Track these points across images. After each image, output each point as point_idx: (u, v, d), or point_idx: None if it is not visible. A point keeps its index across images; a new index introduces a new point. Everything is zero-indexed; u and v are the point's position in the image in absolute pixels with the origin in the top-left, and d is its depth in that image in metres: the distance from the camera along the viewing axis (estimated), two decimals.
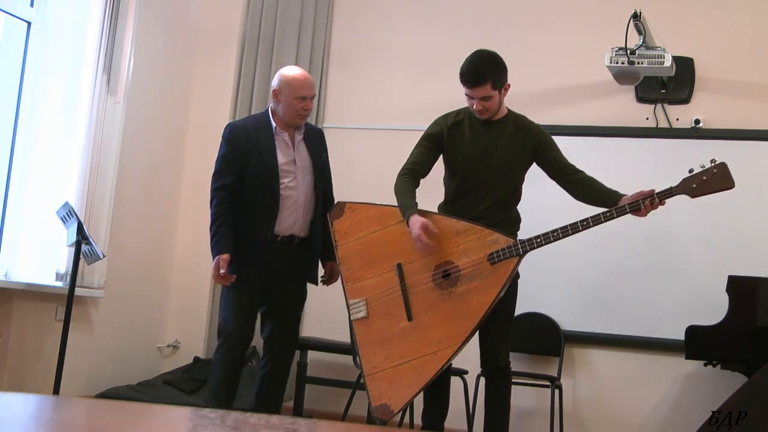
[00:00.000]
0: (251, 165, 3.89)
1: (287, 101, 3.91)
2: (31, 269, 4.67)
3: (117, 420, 1.26)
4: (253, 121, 4.08)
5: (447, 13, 5.57)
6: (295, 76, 3.94)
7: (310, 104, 3.96)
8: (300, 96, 3.90)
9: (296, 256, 3.97)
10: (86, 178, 4.81)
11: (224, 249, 3.79)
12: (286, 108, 3.92)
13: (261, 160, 3.89)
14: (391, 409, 3.51)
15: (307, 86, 3.94)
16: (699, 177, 3.45)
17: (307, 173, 3.97)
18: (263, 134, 3.94)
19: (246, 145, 3.91)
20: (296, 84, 3.91)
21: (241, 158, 3.89)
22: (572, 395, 5.00)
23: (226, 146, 3.95)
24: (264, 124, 3.97)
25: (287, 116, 3.94)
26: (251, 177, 3.89)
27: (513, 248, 3.49)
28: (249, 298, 3.93)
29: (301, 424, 1.30)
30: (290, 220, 3.91)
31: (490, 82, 3.55)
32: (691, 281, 4.84)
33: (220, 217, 3.85)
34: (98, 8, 4.88)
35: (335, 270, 4.02)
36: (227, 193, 3.87)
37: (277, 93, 3.94)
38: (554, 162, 3.71)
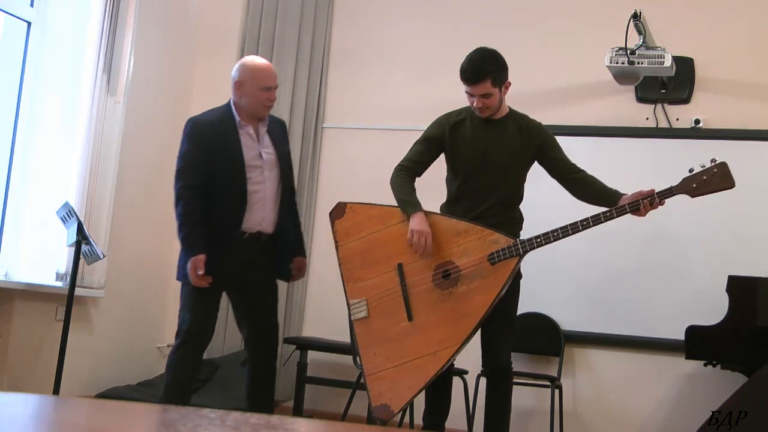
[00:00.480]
0: (217, 161, 3.74)
1: (251, 93, 3.77)
2: (31, 269, 4.67)
3: (117, 420, 1.26)
4: (216, 114, 3.87)
5: (447, 13, 5.57)
6: (258, 66, 3.81)
7: (274, 95, 3.83)
8: (265, 87, 3.77)
9: (264, 253, 3.84)
10: (86, 178, 4.81)
11: (200, 249, 3.67)
12: (251, 100, 3.78)
13: (226, 156, 3.75)
14: (391, 409, 3.51)
15: (271, 76, 3.81)
16: (699, 177, 3.45)
17: (273, 167, 3.86)
18: (227, 128, 3.79)
19: (210, 141, 3.76)
20: (261, 75, 3.78)
21: (206, 154, 3.75)
22: (572, 395, 5.00)
23: (189, 142, 3.79)
24: (227, 118, 3.82)
25: (251, 108, 3.80)
26: (217, 173, 3.74)
27: (513, 248, 3.49)
28: (211, 298, 3.80)
29: (301, 424, 1.30)
30: (258, 217, 3.79)
31: (491, 79, 3.55)
32: (691, 281, 4.84)
33: (191, 217, 3.72)
34: (98, 8, 4.89)
35: (303, 265, 3.99)
36: (194, 192, 3.73)
37: (239, 85, 3.79)
38: (556, 161, 3.71)
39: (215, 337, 5.51)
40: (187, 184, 3.75)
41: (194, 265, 3.66)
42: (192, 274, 3.67)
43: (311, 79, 5.70)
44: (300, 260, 4.00)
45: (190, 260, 3.68)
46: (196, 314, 3.77)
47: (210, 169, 3.74)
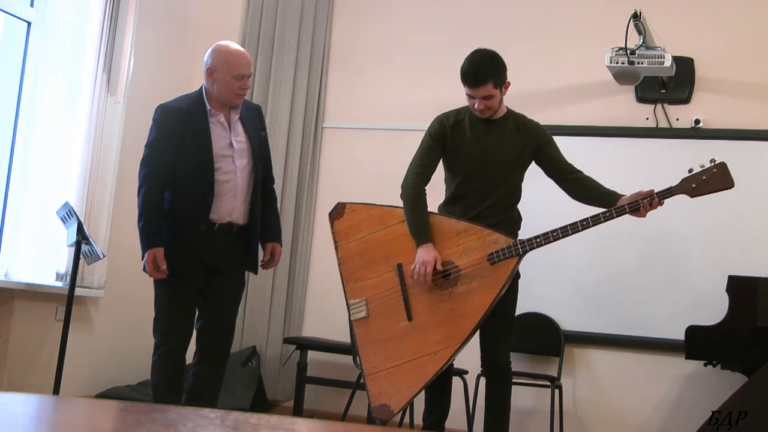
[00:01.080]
0: (184, 150, 3.63)
1: (224, 80, 3.64)
2: (31, 269, 4.67)
3: (117, 420, 1.26)
4: (186, 101, 3.73)
5: (447, 13, 5.57)
6: (232, 53, 3.68)
7: (248, 83, 3.71)
8: (238, 75, 3.65)
9: (234, 245, 3.74)
10: (86, 178, 4.81)
11: (159, 242, 3.57)
12: (223, 88, 3.66)
13: (195, 145, 3.63)
14: (391, 409, 3.51)
15: (245, 64, 3.69)
16: (699, 177, 3.45)
17: (244, 156, 3.73)
18: (197, 116, 3.66)
19: (179, 128, 3.64)
20: (234, 62, 3.65)
21: (174, 142, 3.63)
22: (572, 395, 5.00)
23: (157, 129, 3.67)
24: (198, 106, 3.69)
25: (223, 96, 3.68)
26: (185, 163, 3.63)
27: (513, 248, 3.49)
28: (186, 293, 3.68)
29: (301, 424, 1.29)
30: (228, 207, 3.67)
31: (492, 81, 3.55)
32: (691, 281, 4.84)
33: (150, 208, 3.60)
34: (98, 8, 4.89)
35: (276, 252, 3.86)
36: (158, 181, 3.61)
37: (212, 71, 3.66)
38: (553, 160, 3.71)
39: None
40: (151, 171, 3.63)
41: (152, 258, 3.56)
42: (150, 267, 3.57)
43: (311, 79, 5.70)
44: (273, 246, 3.86)
45: (148, 252, 3.57)
46: (168, 312, 3.66)
47: (177, 158, 3.62)
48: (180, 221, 3.64)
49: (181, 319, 3.68)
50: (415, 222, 3.59)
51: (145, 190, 3.63)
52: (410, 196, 3.64)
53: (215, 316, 3.75)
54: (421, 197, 3.64)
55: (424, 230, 3.57)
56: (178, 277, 3.62)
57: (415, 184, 3.65)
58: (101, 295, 4.98)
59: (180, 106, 3.71)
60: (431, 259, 3.50)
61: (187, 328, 3.71)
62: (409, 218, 3.61)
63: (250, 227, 3.76)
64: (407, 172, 3.71)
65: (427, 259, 3.50)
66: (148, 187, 3.63)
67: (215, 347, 3.76)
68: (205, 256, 3.67)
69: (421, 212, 3.62)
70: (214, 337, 3.75)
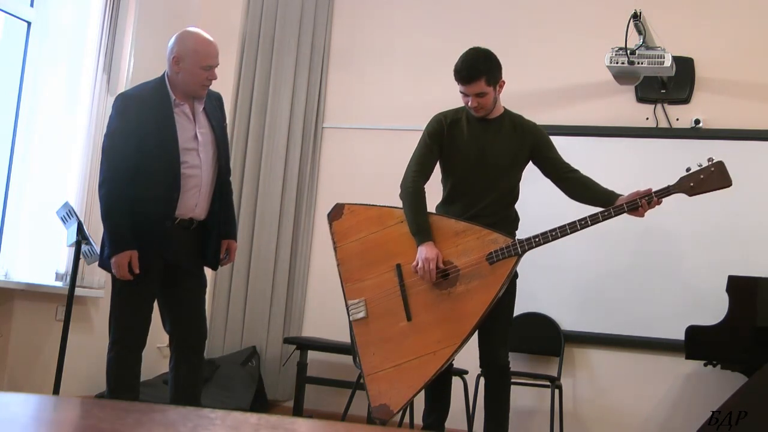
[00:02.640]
0: (148, 141, 3.44)
1: (190, 71, 3.48)
2: (31, 269, 4.67)
3: (117, 420, 1.26)
4: (149, 91, 3.53)
5: (447, 13, 5.57)
6: (200, 42, 3.51)
7: (215, 74, 3.55)
8: (206, 65, 3.49)
9: (194, 241, 3.61)
10: (86, 178, 4.81)
11: (131, 244, 3.41)
12: (189, 78, 3.49)
13: (159, 137, 3.45)
14: (390, 409, 3.51)
15: (214, 54, 3.53)
16: (697, 175, 3.45)
17: (209, 148, 3.59)
18: (160, 107, 3.47)
19: (142, 119, 3.44)
20: (202, 51, 3.48)
21: (137, 133, 3.43)
22: (572, 395, 5.00)
23: (118, 119, 3.46)
24: (161, 96, 3.49)
25: (189, 87, 3.51)
26: (148, 155, 3.44)
27: (512, 248, 3.50)
28: (144, 292, 3.53)
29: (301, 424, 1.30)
30: (191, 203, 3.53)
31: (484, 78, 3.56)
32: (691, 281, 4.84)
33: (119, 206, 3.43)
34: (98, 8, 4.88)
35: (232, 249, 3.76)
36: (124, 175, 3.42)
37: (177, 60, 3.47)
38: (550, 160, 3.72)
39: (215, 337, 5.55)
40: (115, 165, 3.44)
41: (124, 261, 3.40)
42: (123, 271, 3.41)
43: (311, 79, 5.70)
44: (228, 242, 3.74)
45: (119, 256, 3.41)
46: (126, 312, 3.53)
47: (141, 151, 3.43)
48: (143, 217, 3.46)
49: (140, 318, 3.54)
50: (415, 220, 3.59)
51: (111, 187, 3.44)
52: (409, 194, 3.64)
53: (184, 316, 3.63)
54: (421, 195, 3.64)
55: (424, 228, 3.57)
56: (138, 276, 3.45)
57: (415, 182, 3.65)
58: (101, 295, 4.98)
59: (142, 95, 3.52)
60: (434, 256, 3.50)
61: (146, 326, 3.57)
62: (408, 217, 3.61)
63: (210, 222, 3.63)
64: (406, 171, 3.71)
65: (430, 256, 3.50)
66: (114, 183, 3.43)
67: (189, 347, 3.65)
68: (166, 253, 3.53)
69: (421, 210, 3.62)
70: (186, 337, 3.65)
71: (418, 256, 3.53)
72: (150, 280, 3.52)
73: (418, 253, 3.53)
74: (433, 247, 3.53)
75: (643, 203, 3.45)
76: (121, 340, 3.53)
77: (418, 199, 3.63)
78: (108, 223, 3.47)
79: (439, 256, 3.52)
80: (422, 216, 3.60)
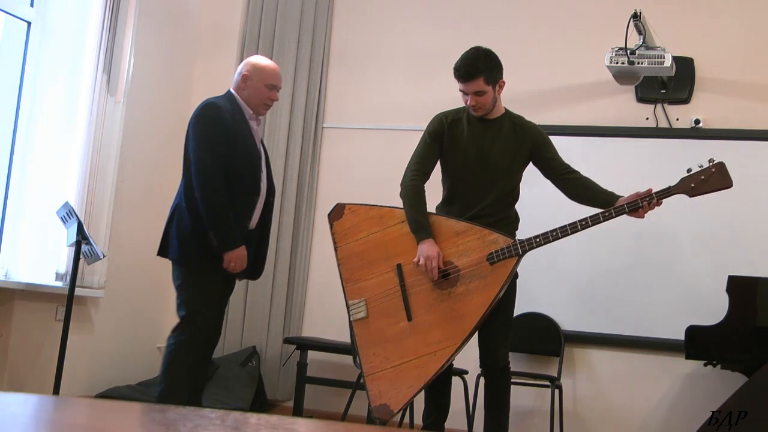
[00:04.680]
0: (237, 148, 3.69)
1: (257, 87, 3.79)
2: (31, 269, 4.67)
3: (117, 420, 1.26)
4: (226, 102, 3.79)
5: (447, 13, 5.57)
6: (268, 64, 3.87)
7: (277, 95, 3.87)
8: (271, 84, 3.81)
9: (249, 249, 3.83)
10: (86, 178, 4.81)
11: (242, 241, 3.68)
12: (254, 94, 3.79)
13: (244, 145, 3.72)
14: (390, 409, 3.51)
15: (278, 76, 3.86)
16: (697, 176, 3.45)
17: (265, 165, 3.90)
18: (241, 117, 3.77)
19: (232, 127, 3.70)
20: (269, 71, 3.82)
21: (229, 140, 3.67)
22: (572, 395, 5.00)
23: (215, 123, 3.67)
24: (238, 108, 3.79)
25: (253, 103, 3.80)
26: (236, 161, 3.68)
27: (512, 248, 3.50)
28: (221, 286, 3.78)
29: (301, 424, 1.29)
30: (257, 212, 3.82)
31: (483, 76, 3.56)
32: (691, 281, 4.84)
33: (225, 204, 3.62)
34: (98, 8, 4.89)
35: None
36: (223, 174, 3.63)
37: (246, 78, 3.79)
38: (550, 161, 3.72)
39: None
40: (218, 166, 3.62)
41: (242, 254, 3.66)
42: (239, 265, 3.66)
43: (311, 79, 5.70)
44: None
45: (239, 249, 3.64)
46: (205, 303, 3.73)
47: (229, 155, 3.66)
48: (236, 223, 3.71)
49: (218, 312, 3.83)
50: (415, 218, 3.59)
51: (213, 188, 3.61)
52: (409, 193, 3.64)
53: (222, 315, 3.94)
54: (421, 194, 3.65)
55: (424, 226, 3.57)
56: (217, 270, 3.68)
57: (414, 180, 3.66)
58: (101, 295, 4.98)
59: (226, 105, 3.75)
60: (435, 254, 3.50)
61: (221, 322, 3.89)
62: (409, 215, 3.61)
63: (253, 234, 3.85)
64: (406, 170, 3.71)
65: (431, 254, 3.50)
66: (216, 185, 3.61)
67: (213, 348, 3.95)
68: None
69: (421, 209, 3.62)
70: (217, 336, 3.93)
71: (419, 253, 3.53)
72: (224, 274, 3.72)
73: (419, 251, 3.53)
74: (434, 244, 3.53)
75: (644, 204, 3.45)
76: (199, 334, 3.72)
77: (418, 198, 3.64)
78: (221, 221, 3.62)
79: (440, 254, 3.52)
80: (422, 214, 3.60)
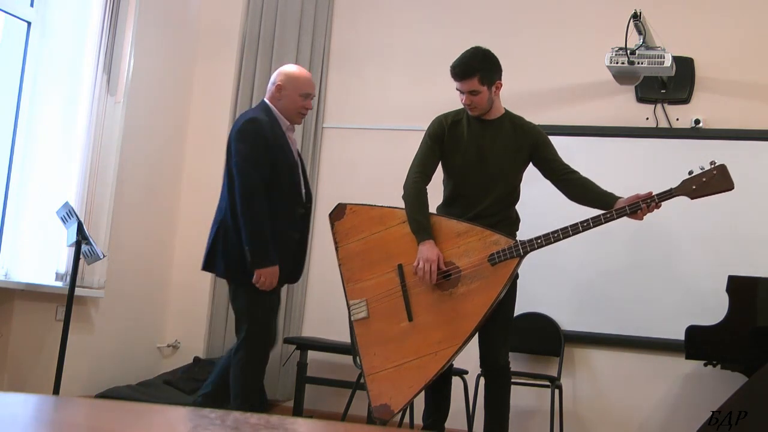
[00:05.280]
0: (278, 161, 3.75)
1: (291, 97, 3.85)
2: (31, 269, 4.67)
3: (117, 420, 1.26)
4: (262, 114, 3.84)
5: (447, 13, 5.57)
6: (300, 73, 3.93)
7: (311, 104, 3.93)
8: (305, 93, 3.87)
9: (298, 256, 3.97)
10: (86, 178, 4.81)
11: (276, 259, 3.70)
12: (289, 104, 3.85)
13: (284, 157, 3.79)
14: (391, 409, 3.51)
15: (311, 84, 3.93)
16: (699, 179, 3.45)
17: (302, 173, 3.95)
18: (278, 131, 3.82)
19: (272, 140, 3.76)
20: (302, 80, 3.88)
21: (269, 153, 3.73)
22: (572, 395, 5.00)
23: (257, 138, 3.71)
24: (274, 120, 3.83)
25: (288, 113, 3.86)
26: (278, 174, 3.75)
27: (513, 249, 3.49)
28: (276, 298, 3.87)
29: (301, 424, 1.29)
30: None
31: (478, 76, 3.57)
32: (690, 281, 4.84)
33: (264, 221, 3.67)
34: (98, 8, 4.88)
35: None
36: (264, 189, 3.68)
37: (280, 88, 3.85)
38: (550, 161, 3.72)
39: (215, 337, 5.55)
40: (259, 181, 3.68)
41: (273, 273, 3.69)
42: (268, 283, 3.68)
43: None
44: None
45: (271, 268, 3.68)
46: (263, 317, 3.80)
47: (272, 169, 3.73)
48: (277, 232, 3.75)
49: (273, 325, 3.88)
50: (416, 219, 3.59)
51: (257, 205, 3.66)
52: (411, 194, 3.64)
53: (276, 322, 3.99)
54: (422, 195, 3.65)
55: (425, 227, 3.57)
56: (275, 290, 3.77)
57: (416, 182, 3.66)
58: (101, 295, 4.98)
59: (263, 118, 3.80)
60: (434, 257, 3.50)
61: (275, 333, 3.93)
62: (410, 216, 3.61)
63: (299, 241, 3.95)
64: (408, 173, 3.71)
65: (431, 257, 3.50)
66: (260, 197, 3.67)
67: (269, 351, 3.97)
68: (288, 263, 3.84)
69: (423, 210, 3.62)
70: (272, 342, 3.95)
71: (419, 255, 3.53)
72: (278, 287, 3.80)
73: (419, 253, 3.53)
74: (434, 246, 3.53)
75: (643, 206, 3.45)
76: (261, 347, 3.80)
77: (419, 199, 3.64)
78: (257, 235, 3.67)
79: (440, 257, 3.52)
80: (423, 215, 3.60)
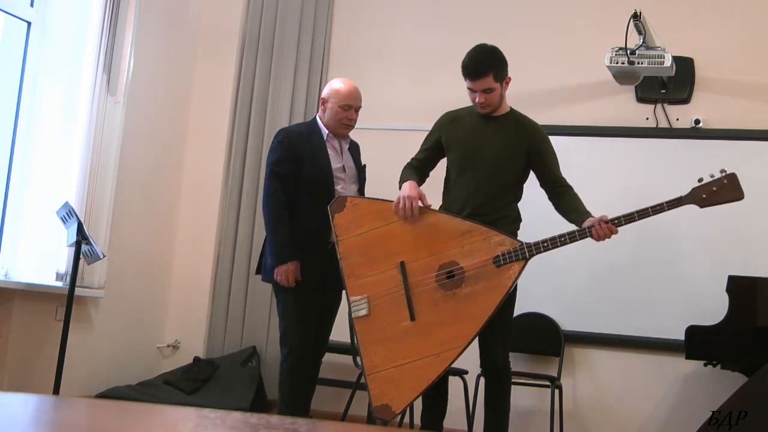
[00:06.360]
0: (305, 168, 3.94)
1: (332, 109, 4.02)
2: (31, 269, 4.67)
3: (117, 420, 1.26)
4: (305, 126, 4.17)
5: (447, 13, 5.57)
6: (342, 87, 4.07)
7: (354, 115, 4.05)
8: (345, 105, 4.01)
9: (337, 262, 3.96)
10: (86, 178, 4.81)
11: (293, 256, 3.86)
12: (331, 116, 4.03)
13: (314, 163, 3.95)
14: (392, 410, 3.50)
15: (353, 96, 4.05)
16: (709, 187, 3.43)
17: (353, 181, 4.06)
18: (315, 139, 4.02)
19: (300, 148, 3.97)
20: (343, 93, 4.03)
21: (296, 161, 3.94)
22: (572, 395, 5.00)
23: (281, 149, 3.98)
24: (316, 130, 4.06)
25: (331, 124, 4.03)
26: (307, 180, 3.93)
27: (519, 251, 3.48)
28: (311, 302, 3.94)
29: (301, 424, 1.29)
30: None
31: (492, 73, 3.59)
32: (690, 281, 4.84)
33: (281, 222, 3.89)
34: (98, 8, 4.88)
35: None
36: (282, 197, 3.91)
37: (324, 101, 4.06)
38: (545, 169, 3.73)
39: (215, 337, 5.55)
40: (277, 188, 3.92)
41: (288, 270, 3.84)
42: (286, 279, 3.84)
43: (311, 79, 5.70)
44: None
45: (285, 265, 3.85)
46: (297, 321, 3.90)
47: (300, 177, 3.93)
48: (307, 234, 3.91)
49: (308, 328, 3.94)
50: (403, 179, 3.71)
51: (273, 205, 3.91)
52: (402, 170, 3.79)
53: (321, 328, 4.06)
54: (410, 167, 3.79)
55: (410, 177, 3.70)
56: (305, 288, 3.89)
57: (408, 162, 3.83)
58: (101, 295, 4.98)
59: (300, 130, 4.13)
60: (415, 194, 3.58)
61: (312, 336, 3.97)
62: (400, 181, 3.72)
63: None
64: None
65: (411, 194, 3.58)
66: (275, 203, 3.91)
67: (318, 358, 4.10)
68: (323, 270, 3.91)
69: (409, 172, 3.75)
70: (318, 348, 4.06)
71: (400, 193, 3.61)
72: (312, 290, 3.92)
73: (400, 192, 3.61)
74: (416, 186, 3.63)
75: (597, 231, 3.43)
76: (294, 351, 3.92)
77: (408, 170, 3.78)
78: (272, 239, 3.93)
79: (422, 195, 3.60)
80: (410, 174, 3.72)
